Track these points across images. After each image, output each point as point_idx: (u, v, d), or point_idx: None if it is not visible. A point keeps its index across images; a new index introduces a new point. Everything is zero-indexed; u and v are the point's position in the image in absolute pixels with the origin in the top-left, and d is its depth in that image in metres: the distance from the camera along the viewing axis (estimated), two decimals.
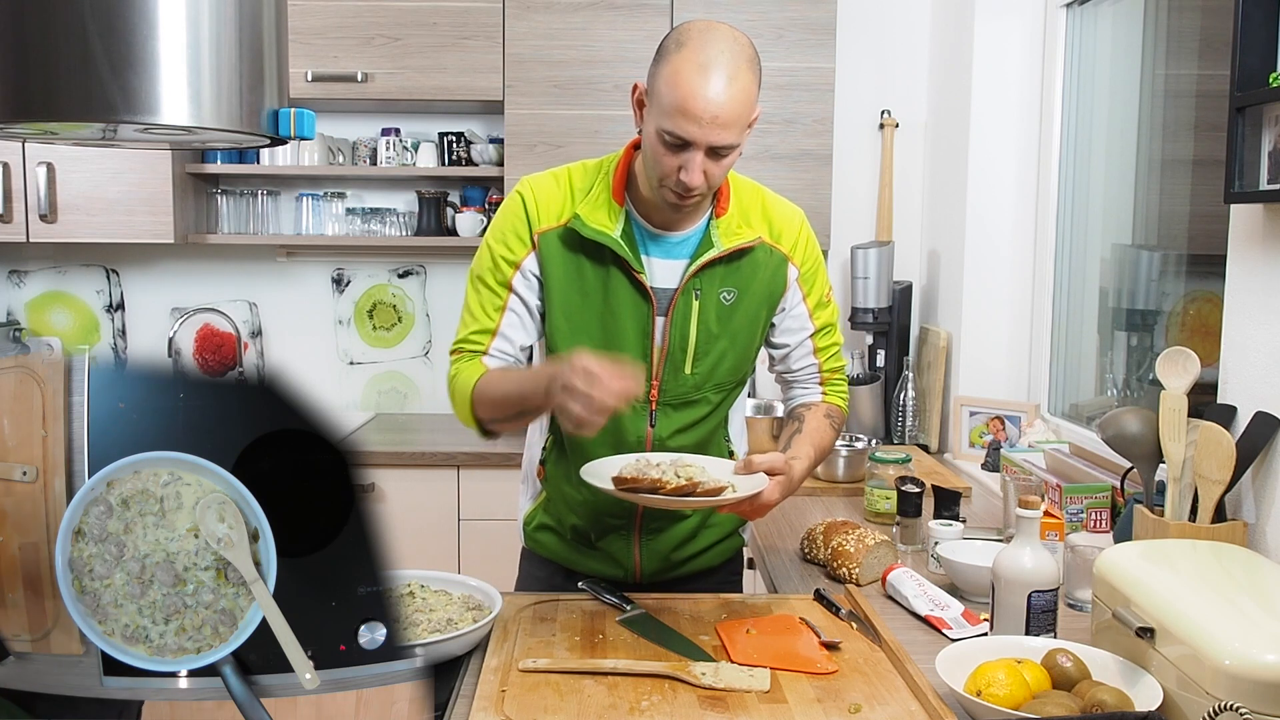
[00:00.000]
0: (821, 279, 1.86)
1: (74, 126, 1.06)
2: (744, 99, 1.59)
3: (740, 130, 1.60)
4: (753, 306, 1.78)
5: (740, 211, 1.78)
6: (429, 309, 3.72)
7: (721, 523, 1.92)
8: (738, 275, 1.77)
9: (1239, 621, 1.26)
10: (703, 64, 1.56)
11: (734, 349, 1.79)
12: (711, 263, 1.74)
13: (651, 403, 1.78)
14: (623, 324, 1.74)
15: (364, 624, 1.02)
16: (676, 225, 1.75)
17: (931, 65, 3.47)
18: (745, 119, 1.61)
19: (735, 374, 1.82)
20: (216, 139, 1.17)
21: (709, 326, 1.76)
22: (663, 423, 1.78)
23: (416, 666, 1.05)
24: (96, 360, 1.06)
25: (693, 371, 1.77)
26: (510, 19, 3.25)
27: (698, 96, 1.55)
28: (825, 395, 1.91)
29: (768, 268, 1.78)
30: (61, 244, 3.49)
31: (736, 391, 1.88)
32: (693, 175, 1.59)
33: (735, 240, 1.74)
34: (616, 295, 1.73)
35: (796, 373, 1.90)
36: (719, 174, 1.63)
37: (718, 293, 1.76)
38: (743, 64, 1.59)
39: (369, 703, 1.05)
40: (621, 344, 1.74)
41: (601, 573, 1.87)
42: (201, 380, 2.25)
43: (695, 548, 1.90)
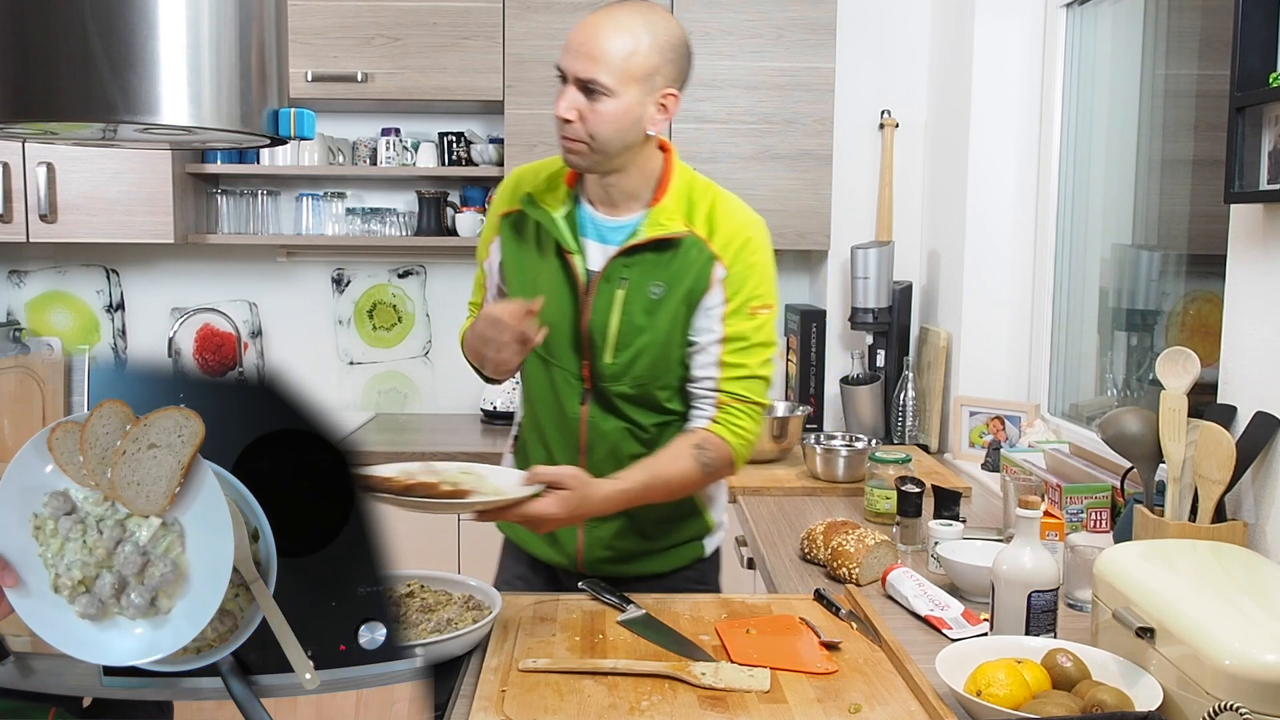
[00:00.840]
0: (753, 289, 1.76)
1: (74, 126, 1.06)
2: (622, 44, 1.67)
3: (614, 75, 1.66)
4: (675, 301, 1.77)
5: (678, 204, 1.78)
6: (429, 309, 3.72)
7: (680, 525, 1.90)
8: (668, 270, 1.76)
9: (1239, 621, 1.26)
10: (599, 10, 1.71)
11: (655, 344, 1.77)
12: (637, 250, 1.76)
13: (585, 382, 1.81)
14: (560, 303, 1.79)
15: (364, 624, 1.02)
16: (613, 208, 1.80)
17: (931, 65, 3.47)
18: (620, 64, 1.66)
19: (654, 371, 1.78)
20: (216, 139, 1.17)
21: (633, 318, 1.76)
22: (593, 407, 1.82)
23: (416, 666, 1.05)
24: (96, 360, 1.06)
25: (613, 361, 1.78)
26: (510, 19, 3.25)
27: (579, 26, 1.70)
28: (713, 424, 1.76)
29: (696, 264, 1.76)
30: (61, 244, 3.49)
31: (672, 400, 1.82)
32: (560, 105, 1.68)
33: (659, 230, 1.75)
34: (554, 275, 1.80)
35: (696, 383, 1.78)
36: (596, 123, 1.68)
37: (647, 285, 1.76)
38: (640, 22, 1.69)
39: (369, 703, 1.05)
40: (556, 322, 1.78)
41: (543, 555, 1.90)
42: (201, 380, 2.25)
43: (646, 546, 1.88)
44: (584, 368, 1.80)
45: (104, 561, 0.96)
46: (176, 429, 0.95)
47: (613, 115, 1.68)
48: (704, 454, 1.73)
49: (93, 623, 0.97)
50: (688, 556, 1.92)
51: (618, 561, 1.87)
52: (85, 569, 0.96)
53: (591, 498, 1.60)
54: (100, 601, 0.96)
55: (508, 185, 1.88)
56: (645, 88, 1.69)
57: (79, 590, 0.97)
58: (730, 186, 3.56)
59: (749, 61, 3.29)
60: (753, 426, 1.78)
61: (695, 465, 1.72)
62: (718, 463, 1.75)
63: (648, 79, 1.69)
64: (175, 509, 0.96)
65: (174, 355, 3.60)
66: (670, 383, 1.81)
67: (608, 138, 1.69)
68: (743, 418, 1.76)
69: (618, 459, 1.78)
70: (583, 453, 1.83)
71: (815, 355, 3.42)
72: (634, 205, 1.79)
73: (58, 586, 0.97)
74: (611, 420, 1.81)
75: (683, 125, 3.29)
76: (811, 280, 3.73)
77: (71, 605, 0.97)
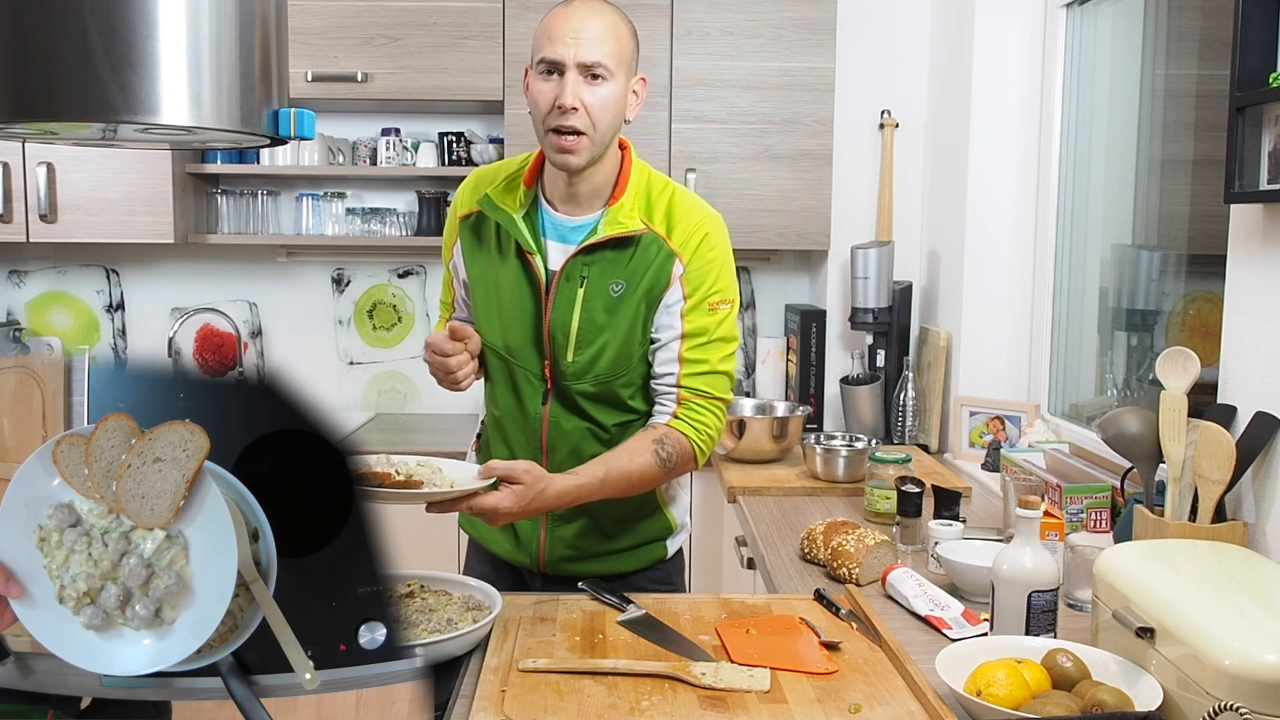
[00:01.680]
0: (712, 284, 1.77)
1: (74, 126, 1.06)
2: (612, 29, 1.69)
3: (612, 58, 1.68)
4: (635, 298, 1.77)
5: (636, 202, 1.78)
6: (429, 309, 3.72)
7: (641, 524, 1.90)
8: (627, 267, 1.76)
9: (1239, 621, 1.26)
10: (567, 4, 1.71)
11: (615, 341, 1.77)
12: (597, 249, 1.76)
13: (547, 382, 1.81)
14: (521, 303, 1.79)
15: (364, 624, 1.02)
16: (575, 206, 1.79)
17: (931, 65, 3.47)
18: (614, 48, 1.69)
19: (615, 369, 1.79)
20: (216, 139, 1.17)
21: (593, 316, 1.76)
22: (555, 406, 1.82)
23: (416, 666, 1.05)
24: (96, 360, 1.06)
25: (574, 359, 1.78)
26: (510, 19, 3.25)
27: (559, 18, 1.69)
28: (674, 419, 1.77)
29: (655, 261, 1.76)
30: (61, 244, 3.49)
31: (635, 398, 1.83)
32: (565, 94, 1.66)
33: (618, 229, 1.75)
34: (514, 275, 1.80)
35: (659, 379, 1.79)
36: (598, 108, 1.68)
37: (607, 283, 1.76)
38: (612, 10, 1.72)
39: (369, 703, 1.05)
40: (517, 322, 1.80)
41: (505, 553, 1.91)
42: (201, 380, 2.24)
43: (607, 546, 1.88)
44: (545, 367, 1.81)
45: (109, 574, 0.97)
46: (181, 443, 0.95)
47: (613, 100, 1.70)
48: (663, 448, 1.73)
49: (97, 634, 0.97)
50: (649, 557, 1.93)
51: (579, 560, 1.88)
52: (90, 581, 0.97)
53: (546, 492, 1.61)
54: (105, 613, 0.97)
55: (466, 187, 1.88)
56: (628, 72, 1.73)
57: (84, 602, 0.97)
58: (730, 186, 3.56)
59: (749, 61, 3.29)
60: (714, 422, 1.79)
61: (654, 460, 1.72)
62: (677, 458, 1.75)
63: (630, 64, 1.74)
64: (179, 522, 0.96)
65: (174, 355, 3.60)
66: (633, 380, 1.81)
67: (606, 125, 1.70)
68: (704, 413, 1.77)
69: (579, 459, 1.78)
70: (544, 452, 1.83)
71: (815, 355, 3.42)
72: (594, 203, 1.79)
73: (63, 598, 0.97)
74: (573, 420, 1.82)
75: (683, 125, 3.30)
76: (811, 280, 3.73)
77: (76, 616, 0.97)
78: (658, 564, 1.95)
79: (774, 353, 3.62)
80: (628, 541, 1.90)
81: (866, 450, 2.76)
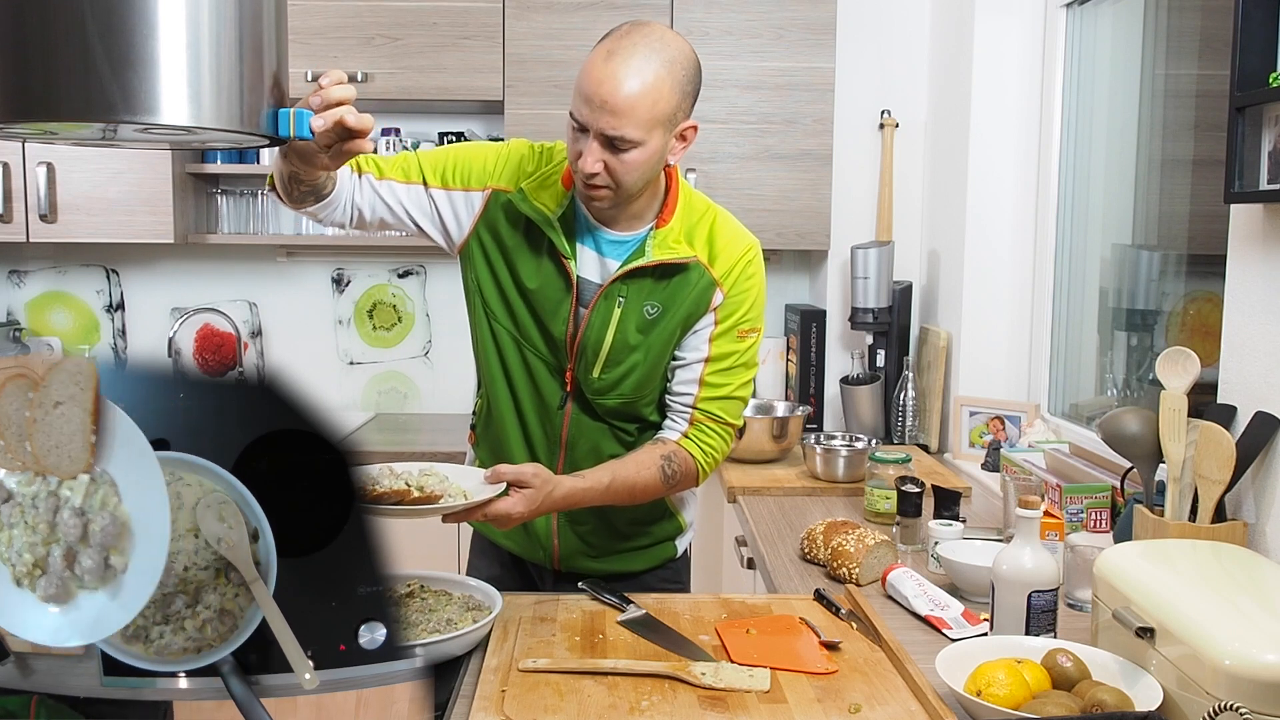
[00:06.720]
0: (745, 313, 1.77)
1: (74, 126, 1.06)
2: (646, 94, 1.56)
3: (641, 126, 1.58)
4: (672, 324, 1.75)
5: (684, 227, 1.75)
6: (429, 309, 3.72)
7: (654, 526, 1.91)
8: (666, 291, 1.74)
9: (1239, 621, 1.26)
10: (610, 52, 1.58)
11: (645, 363, 1.76)
12: (639, 273, 1.72)
13: (567, 385, 1.78)
14: (547, 302, 1.75)
15: (364, 624, 1.02)
16: (615, 223, 1.74)
17: (931, 65, 3.47)
18: (646, 115, 1.57)
19: (639, 390, 1.78)
20: (216, 139, 1.17)
21: (626, 337, 1.74)
22: (575, 407, 1.80)
23: (416, 666, 1.05)
24: (96, 360, 1.06)
25: (600, 376, 1.76)
26: (510, 19, 3.25)
27: (592, 80, 1.56)
28: (684, 438, 1.78)
29: (696, 288, 1.75)
30: (61, 244, 3.49)
31: (655, 413, 1.83)
32: (586, 161, 1.60)
33: (667, 254, 1.72)
34: (545, 273, 1.74)
35: (675, 397, 1.79)
36: (624, 172, 1.61)
37: (643, 305, 1.74)
38: (657, 62, 1.58)
39: (369, 703, 1.05)
40: (548, 321, 1.75)
41: (520, 551, 1.90)
42: (201, 380, 2.24)
43: (621, 545, 1.89)
44: (568, 372, 1.78)
45: (49, 537, 0.96)
46: (73, 379, 0.94)
47: (640, 163, 1.62)
48: (670, 465, 1.75)
49: (58, 606, 0.96)
50: (660, 556, 1.94)
51: (594, 558, 1.88)
52: (35, 550, 0.96)
53: (554, 494, 1.61)
54: (58, 578, 0.95)
55: (510, 159, 1.76)
56: (668, 128, 1.63)
57: (36, 574, 0.96)
58: (730, 186, 3.56)
59: (749, 61, 3.29)
60: (722, 446, 1.80)
61: (659, 476, 1.74)
62: (681, 476, 1.77)
63: (670, 119, 1.63)
64: (100, 460, 0.95)
65: (174, 355, 3.60)
66: (655, 398, 1.82)
67: (634, 181, 1.64)
68: (714, 437, 1.79)
69: (598, 457, 1.78)
70: (563, 448, 1.81)
71: (815, 355, 3.42)
72: (635, 224, 1.75)
73: (18, 579, 0.96)
74: (594, 422, 1.81)
75: None
76: (811, 280, 3.73)
77: (34, 593, 0.96)
78: (668, 563, 1.96)
79: (774, 353, 3.62)
80: (641, 541, 1.91)
81: (866, 450, 2.76)
